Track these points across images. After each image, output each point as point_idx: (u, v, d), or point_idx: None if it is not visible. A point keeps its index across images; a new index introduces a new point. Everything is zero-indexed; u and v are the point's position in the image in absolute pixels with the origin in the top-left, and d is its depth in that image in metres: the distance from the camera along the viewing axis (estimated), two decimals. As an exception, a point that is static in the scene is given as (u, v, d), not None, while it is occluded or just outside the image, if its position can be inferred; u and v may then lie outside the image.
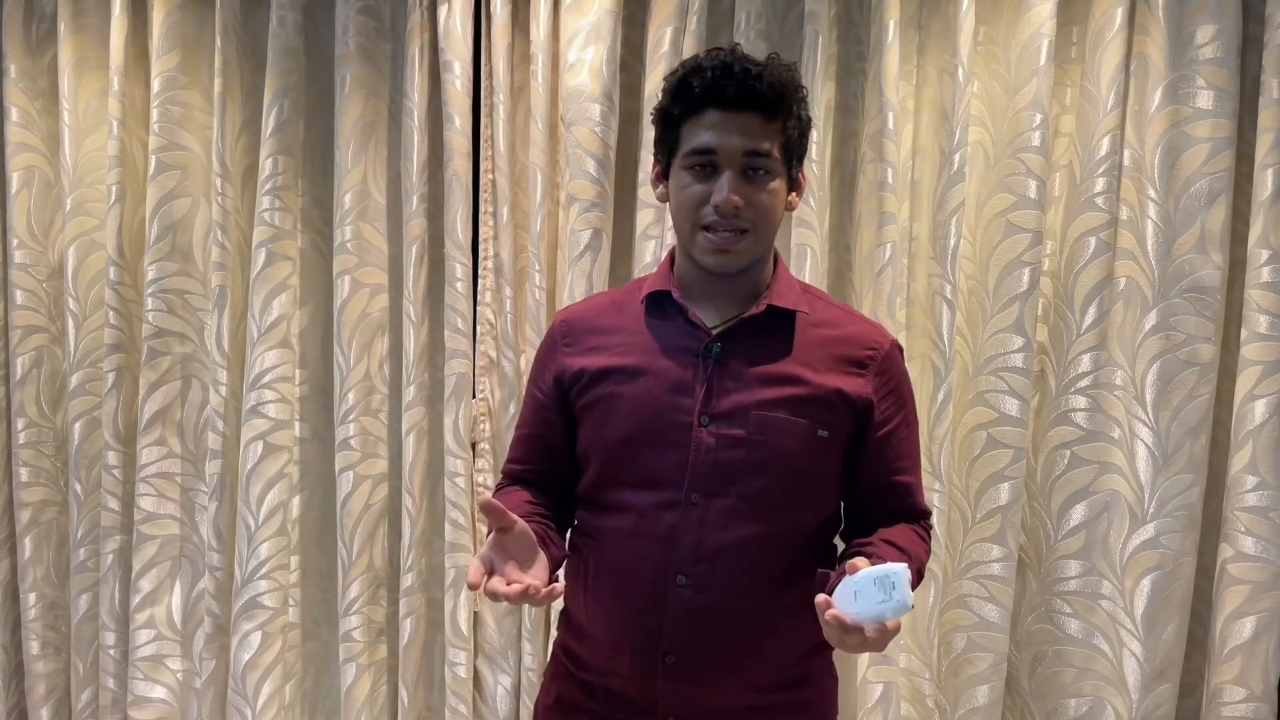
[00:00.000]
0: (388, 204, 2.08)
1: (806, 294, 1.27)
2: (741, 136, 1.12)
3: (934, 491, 1.86)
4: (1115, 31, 1.76)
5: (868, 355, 1.23)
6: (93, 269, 2.20)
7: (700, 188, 1.15)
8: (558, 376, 1.26)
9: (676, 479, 1.17)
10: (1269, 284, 1.70)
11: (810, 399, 1.18)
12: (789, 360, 1.19)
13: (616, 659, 1.22)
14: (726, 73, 1.12)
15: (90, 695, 2.26)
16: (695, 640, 1.17)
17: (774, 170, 1.15)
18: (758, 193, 1.14)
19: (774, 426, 1.17)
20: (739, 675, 1.20)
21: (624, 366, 1.20)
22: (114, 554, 2.19)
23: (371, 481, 2.09)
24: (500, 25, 1.96)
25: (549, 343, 1.31)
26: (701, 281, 1.22)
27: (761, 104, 1.12)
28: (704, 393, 1.17)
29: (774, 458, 1.17)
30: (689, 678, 1.18)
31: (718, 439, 1.16)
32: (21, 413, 2.23)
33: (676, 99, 1.16)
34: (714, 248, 1.15)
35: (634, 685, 1.21)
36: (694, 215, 1.16)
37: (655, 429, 1.17)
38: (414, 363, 2.03)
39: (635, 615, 1.18)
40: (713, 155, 1.13)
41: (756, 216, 1.15)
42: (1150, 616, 1.79)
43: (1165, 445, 1.78)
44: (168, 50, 2.08)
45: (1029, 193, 1.80)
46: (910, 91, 1.90)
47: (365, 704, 2.10)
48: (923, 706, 1.90)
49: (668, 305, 1.23)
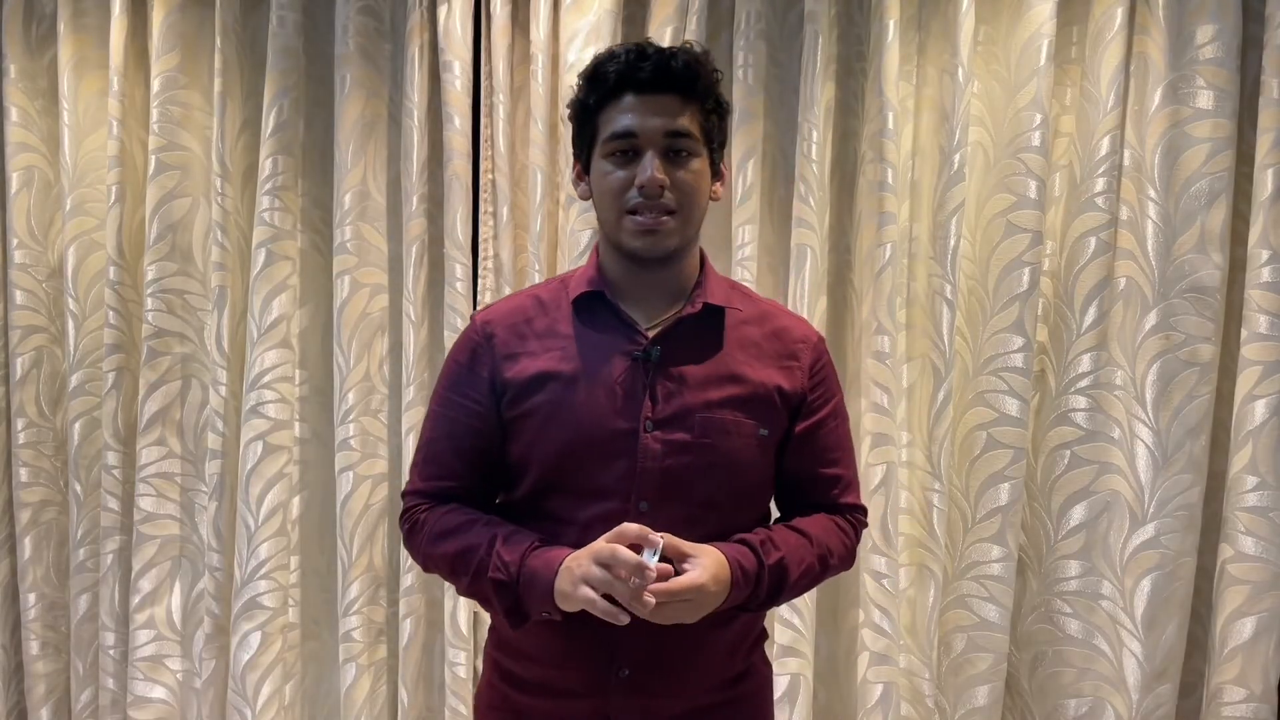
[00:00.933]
0: (388, 204, 2.08)
1: (735, 290, 1.26)
2: (661, 117, 1.11)
3: (934, 491, 1.86)
4: (1115, 31, 1.77)
5: (798, 348, 1.23)
6: (93, 269, 2.20)
7: (623, 173, 1.13)
8: (490, 382, 1.19)
9: (623, 488, 1.14)
10: (1269, 284, 1.70)
11: (752, 397, 1.17)
12: (725, 359, 1.18)
13: (563, 676, 1.19)
14: (641, 55, 1.11)
15: (90, 695, 2.26)
16: (649, 650, 1.15)
17: (695, 150, 1.14)
18: (681, 172, 1.12)
19: (719, 429, 1.15)
20: (690, 679, 1.19)
21: (561, 372, 1.15)
22: (114, 554, 2.19)
23: (371, 481, 2.09)
24: (500, 25, 1.96)
25: (469, 346, 1.22)
26: (630, 278, 1.19)
27: (678, 84, 1.12)
28: (647, 398, 1.14)
29: (721, 460, 1.15)
30: (642, 688, 1.17)
31: (664, 445, 1.13)
32: (21, 413, 2.23)
33: (593, 88, 1.14)
34: (641, 229, 1.12)
35: (582, 705, 1.18)
36: (619, 201, 1.13)
37: (599, 438, 1.13)
38: (414, 363, 2.03)
39: (587, 631, 1.11)
40: (633, 139, 1.12)
41: (682, 196, 1.13)
42: (1150, 616, 1.79)
43: (1165, 445, 1.78)
44: (168, 50, 2.08)
45: (1029, 193, 1.80)
46: (910, 91, 1.90)
47: (365, 704, 2.10)
48: (923, 706, 1.90)
49: (598, 306, 1.19)
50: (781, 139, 1.95)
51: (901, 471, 1.90)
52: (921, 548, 1.90)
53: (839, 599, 1.97)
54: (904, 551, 1.91)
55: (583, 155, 1.20)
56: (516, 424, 1.18)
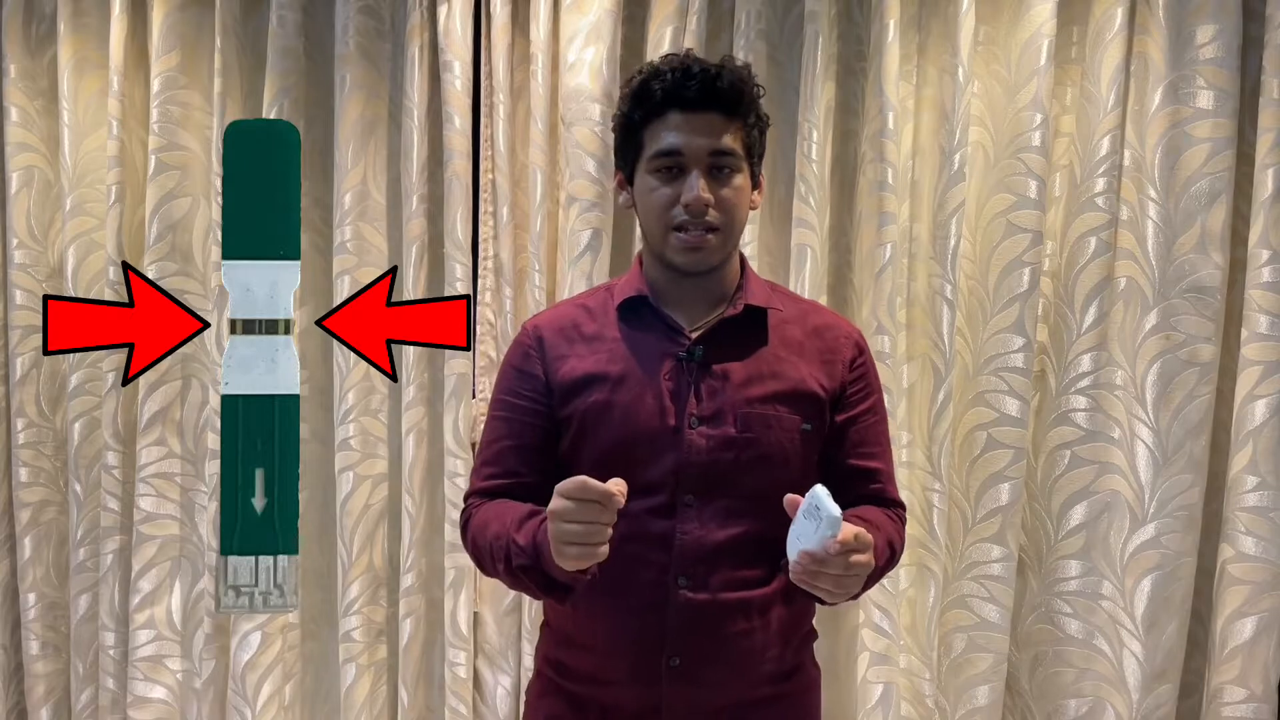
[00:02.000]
0: (387, 204, 2.08)
1: (775, 291, 1.30)
2: (706, 136, 1.15)
3: (934, 491, 1.86)
4: (1115, 31, 1.77)
5: (839, 344, 1.26)
6: (93, 269, 2.20)
7: (668, 190, 1.16)
8: (545, 381, 1.24)
9: (669, 482, 1.17)
10: (1269, 284, 1.70)
11: (793, 393, 1.20)
12: (768, 357, 1.21)
13: (613, 666, 1.21)
14: (687, 74, 1.14)
15: (90, 695, 2.26)
16: (698, 640, 1.17)
17: (738, 168, 1.18)
18: (724, 190, 1.16)
19: (762, 423, 1.18)
20: (739, 671, 1.20)
21: (608, 374, 1.20)
22: (114, 554, 2.19)
23: (371, 481, 2.09)
24: (500, 25, 1.96)
25: (522, 351, 1.28)
26: (673, 284, 1.23)
27: (722, 103, 1.15)
28: (691, 395, 1.18)
29: (764, 454, 1.18)
30: (692, 678, 1.19)
31: (709, 440, 1.17)
32: (21, 413, 2.23)
33: (638, 104, 1.18)
34: (686, 246, 1.17)
35: (632, 692, 1.20)
36: (665, 217, 1.17)
37: (647, 435, 1.17)
38: (414, 363, 2.03)
39: (636, 620, 1.17)
40: (679, 156, 1.15)
41: (725, 213, 1.17)
42: (1150, 617, 1.79)
43: (1165, 445, 1.78)
44: (168, 50, 2.07)
45: (1029, 193, 1.80)
46: (910, 91, 1.90)
47: (365, 704, 2.10)
48: (923, 706, 1.90)
49: (643, 310, 1.24)
50: (781, 139, 1.95)
51: (901, 471, 1.90)
52: (921, 548, 1.90)
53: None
54: (904, 551, 1.91)
55: (626, 168, 1.23)
56: (566, 424, 1.23)
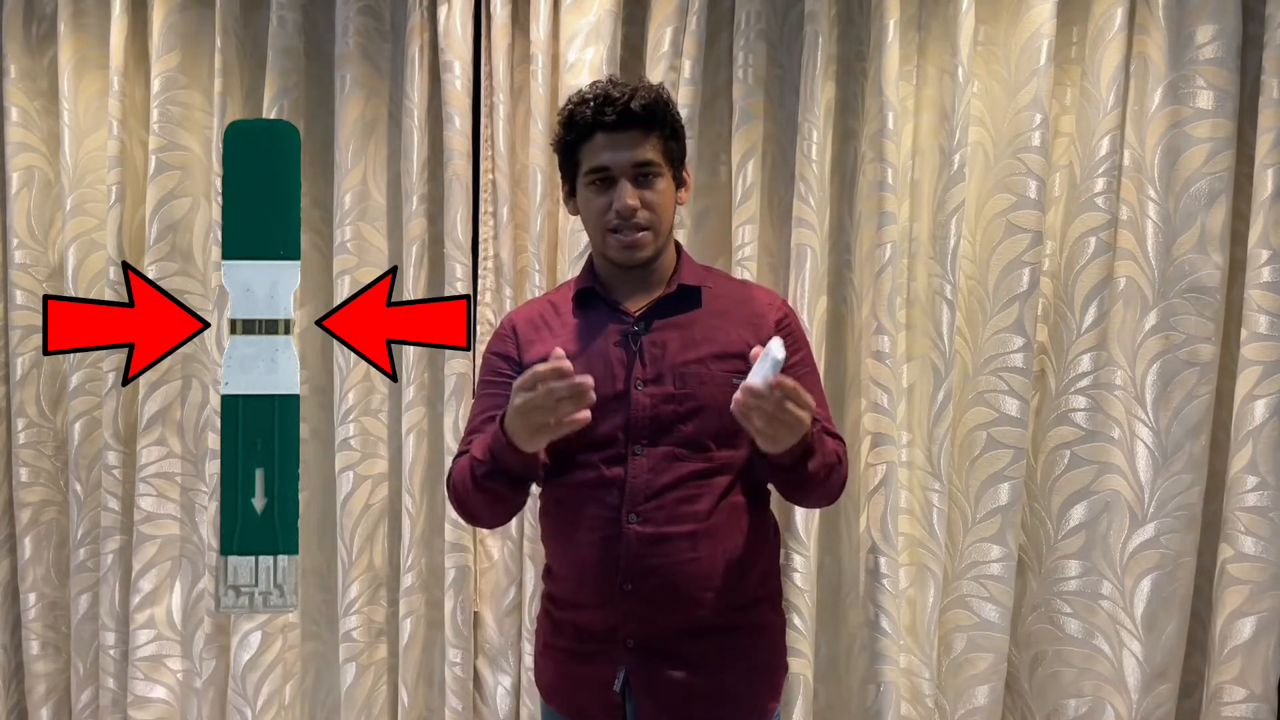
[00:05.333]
0: (388, 204, 2.09)
1: (709, 273, 1.51)
2: (628, 150, 1.36)
3: (934, 491, 1.86)
4: (1115, 31, 1.77)
5: (765, 309, 1.46)
6: (93, 269, 2.20)
7: (602, 199, 1.38)
8: (519, 363, 1.44)
9: (620, 436, 1.37)
10: (1269, 284, 1.70)
11: (723, 353, 1.39)
12: (701, 325, 1.41)
13: (581, 591, 1.40)
14: (607, 100, 1.34)
15: (90, 695, 2.26)
16: (648, 568, 1.35)
17: (659, 172, 1.38)
18: (649, 193, 1.38)
19: (696, 380, 1.38)
20: (683, 594, 1.36)
21: (567, 351, 1.34)
22: (114, 554, 2.19)
23: (371, 481, 2.09)
24: (500, 25, 1.96)
25: (499, 339, 1.50)
26: (618, 276, 1.45)
27: (639, 121, 1.35)
28: (636, 363, 1.38)
29: (700, 405, 1.37)
30: (645, 602, 1.35)
31: (652, 398, 1.37)
32: (21, 413, 2.23)
33: (569, 129, 1.39)
34: (622, 245, 1.39)
35: (597, 614, 1.39)
36: (601, 222, 1.39)
37: (601, 398, 1.31)
38: (414, 363, 2.03)
39: (596, 551, 1.36)
40: (608, 171, 1.37)
41: (652, 214, 1.38)
42: (1150, 616, 1.79)
43: (1165, 445, 1.78)
44: (168, 50, 2.08)
45: (1029, 193, 1.80)
46: (910, 91, 1.90)
47: (365, 704, 2.10)
48: (923, 706, 1.90)
49: (594, 299, 1.45)
50: (781, 139, 1.95)
51: (901, 471, 1.90)
52: (921, 548, 1.90)
53: (839, 599, 1.97)
54: (904, 551, 1.91)
55: (568, 181, 1.45)
56: None
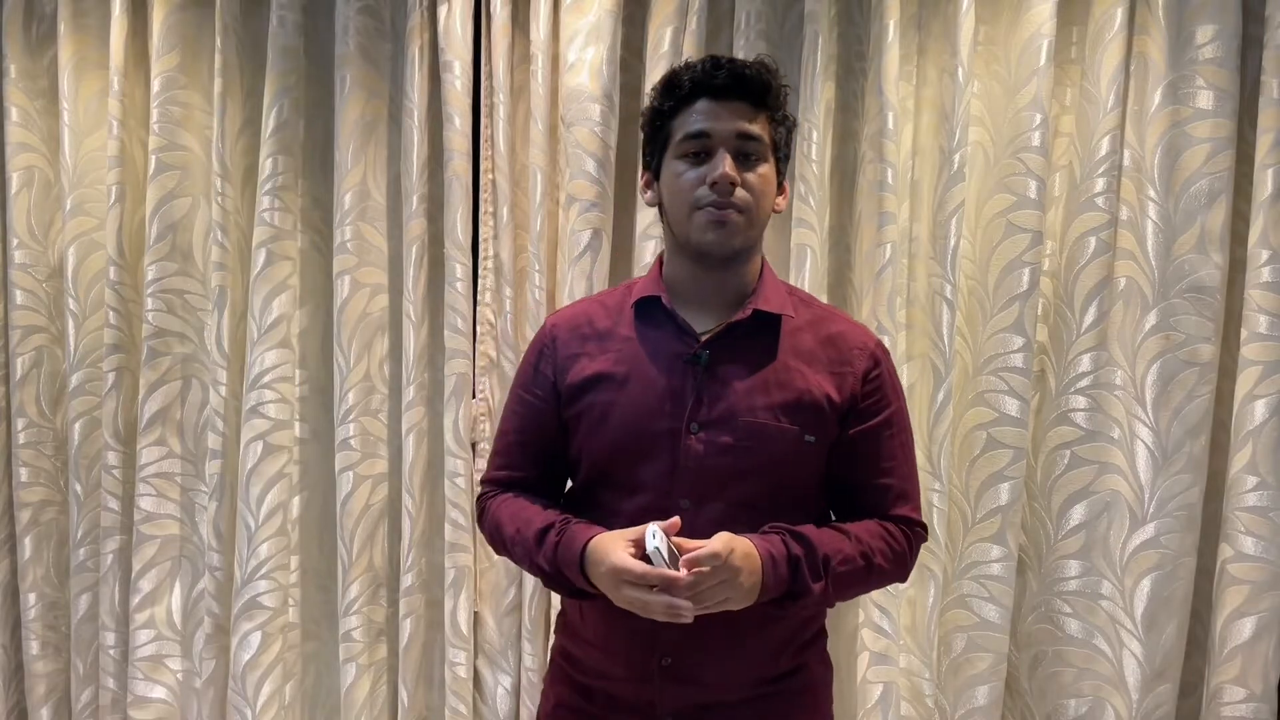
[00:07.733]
0: (388, 204, 2.08)
1: (792, 296, 1.28)
2: (733, 119, 1.16)
3: (934, 491, 1.86)
4: (1115, 31, 1.76)
5: (853, 354, 1.24)
6: (93, 269, 2.20)
7: (695, 172, 1.17)
8: (553, 381, 1.27)
9: (665, 485, 1.19)
10: (1269, 284, 1.70)
11: (797, 404, 1.19)
12: (776, 366, 1.20)
13: (612, 662, 1.25)
14: (715, 64, 1.17)
15: (90, 695, 2.26)
16: (689, 641, 1.18)
17: (764, 155, 1.18)
18: (750, 174, 1.17)
19: (762, 434, 1.18)
20: (733, 671, 1.22)
21: (614, 374, 1.22)
22: (114, 554, 2.19)
23: (371, 481, 2.09)
24: (500, 25, 1.96)
25: (538, 347, 1.31)
26: (691, 282, 1.23)
27: (750, 91, 1.17)
28: (694, 400, 1.18)
29: (761, 464, 1.18)
30: (685, 677, 1.21)
31: (706, 446, 1.18)
32: (21, 413, 2.23)
33: (668, 94, 1.20)
34: (711, 220, 1.16)
35: (630, 687, 1.24)
36: (690, 198, 1.17)
37: (646, 436, 1.19)
38: (414, 363, 2.03)
39: (630, 621, 1.14)
40: (707, 139, 1.16)
41: (750, 197, 1.17)
42: (1150, 616, 1.79)
43: (1165, 445, 1.78)
44: (168, 50, 2.08)
45: (1029, 193, 1.80)
46: (910, 91, 1.90)
47: (365, 704, 2.10)
48: (923, 706, 1.90)
49: (658, 310, 1.24)
50: (781, 139, 1.95)
51: (901, 471, 1.90)
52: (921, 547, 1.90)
53: (839, 599, 1.97)
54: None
55: (653, 161, 1.25)
56: (573, 422, 1.26)
